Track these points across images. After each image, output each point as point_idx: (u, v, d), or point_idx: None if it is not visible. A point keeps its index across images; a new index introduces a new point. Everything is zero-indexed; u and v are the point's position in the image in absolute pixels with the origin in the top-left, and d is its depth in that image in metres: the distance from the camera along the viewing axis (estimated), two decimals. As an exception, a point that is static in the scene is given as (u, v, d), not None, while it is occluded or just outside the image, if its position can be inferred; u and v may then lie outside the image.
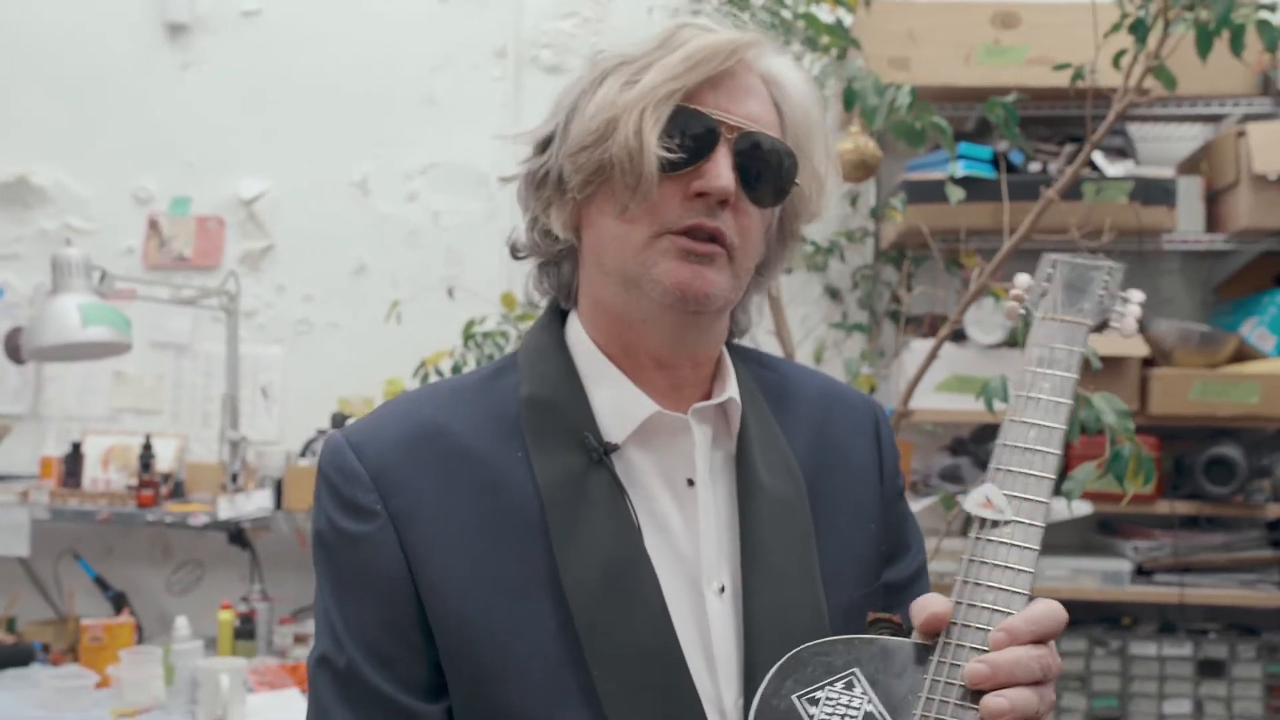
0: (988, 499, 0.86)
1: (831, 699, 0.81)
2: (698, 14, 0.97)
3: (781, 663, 0.83)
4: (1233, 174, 2.75)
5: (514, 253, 1.03)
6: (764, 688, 0.82)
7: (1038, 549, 0.84)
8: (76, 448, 3.12)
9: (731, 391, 0.98)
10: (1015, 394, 0.92)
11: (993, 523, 0.85)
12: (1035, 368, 0.93)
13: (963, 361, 2.72)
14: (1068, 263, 1.03)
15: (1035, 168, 2.78)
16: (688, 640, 0.89)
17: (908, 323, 2.91)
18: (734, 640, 0.91)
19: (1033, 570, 0.83)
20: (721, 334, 1.00)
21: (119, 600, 2.96)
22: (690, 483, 0.94)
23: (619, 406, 0.94)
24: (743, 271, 0.94)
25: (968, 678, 0.79)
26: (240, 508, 2.91)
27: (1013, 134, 2.00)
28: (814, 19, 2.20)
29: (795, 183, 0.95)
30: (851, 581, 0.98)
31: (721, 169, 0.89)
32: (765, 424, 1.00)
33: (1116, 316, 0.99)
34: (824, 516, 0.98)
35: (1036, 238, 2.15)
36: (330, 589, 0.92)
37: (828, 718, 0.80)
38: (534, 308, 2.59)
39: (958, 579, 0.84)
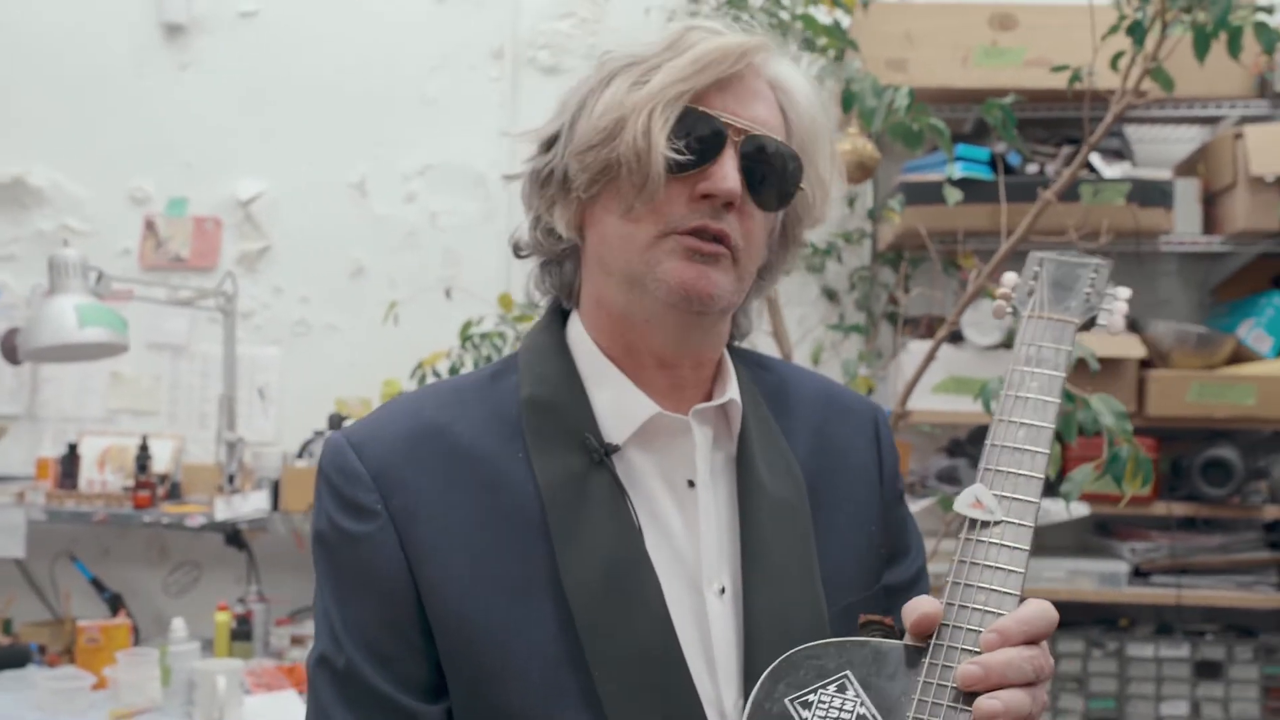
0: (977, 499, 0.85)
1: (824, 702, 0.80)
2: (695, 15, 0.97)
3: (774, 666, 0.83)
4: (1230, 176, 2.76)
5: (516, 251, 1.03)
6: (756, 691, 0.82)
7: (1028, 549, 0.84)
8: (73, 449, 3.11)
9: (733, 393, 0.98)
10: (1003, 393, 0.91)
11: (983, 523, 0.85)
12: (1023, 366, 0.93)
13: (960, 363, 2.72)
14: (1054, 261, 1.03)
15: (1033, 169, 2.78)
16: (688, 641, 0.89)
17: (905, 324, 2.91)
18: (734, 641, 0.91)
19: (1023, 571, 0.83)
20: (723, 336, 1.00)
21: (115, 602, 2.95)
22: (691, 484, 0.94)
23: (620, 407, 0.94)
24: (746, 274, 0.94)
25: (960, 679, 0.79)
26: (237, 509, 2.91)
27: (1010, 136, 2.00)
28: (812, 20, 2.20)
29: (800, 187, 0.95)
30: (852, 583, 0.98)
31: (728, 171, 0.89)
32: (766, 426, 1.00)
33: (1104, 314, 0.98)
34: (824, 518, 0.98)
35: (1034, 239, 2.15)
36: (330, 589, 0.92)
37: (820, 720, 0.80)
38: (532, 308, 2.60)
39: (948, 580, 0.83)
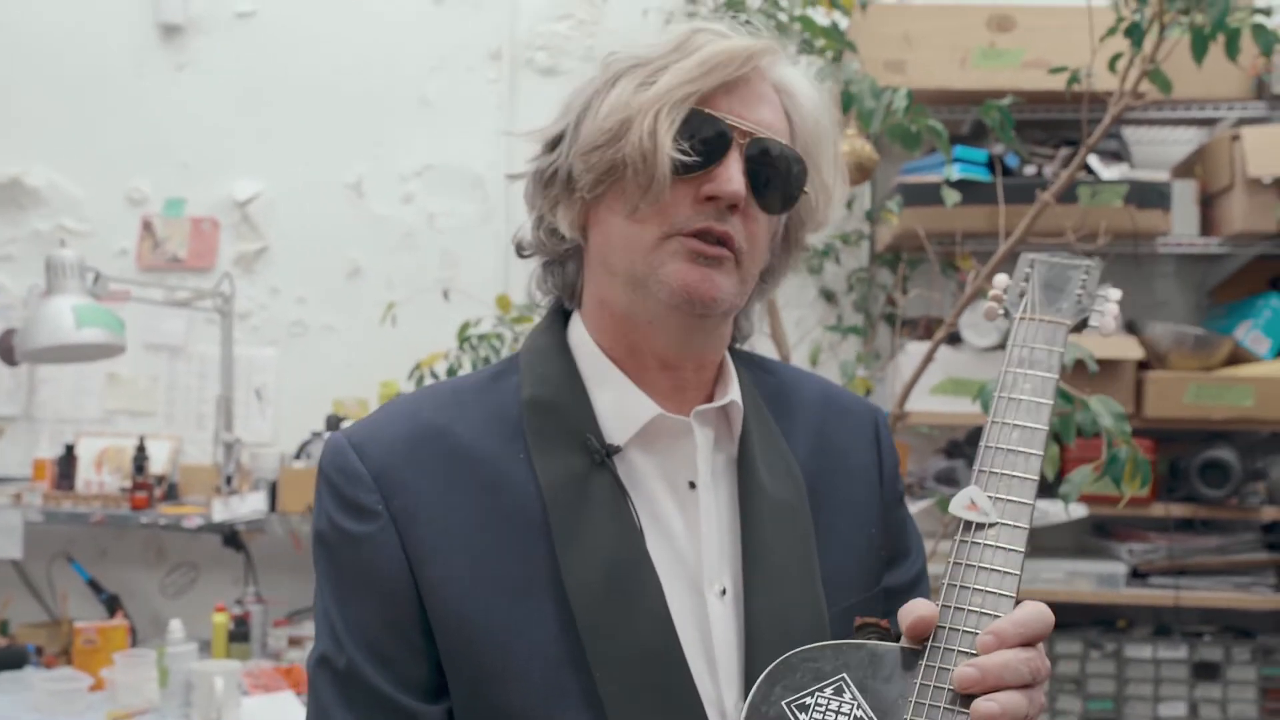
0: (972, 501, 0.85)
1: (821, 705, 0.80)
2: (693, 16, 0.98)
3: (770, 669, 0.82)
4: (1227, 177, 2.76)
5: (519, 251, 1.03)
6: (753, 694, 0.81)
7: (1024, 551, 0.83)
8: (70, 450, 3.11)
9: (734, 395, 0.98)
10: (996, 395, 0.91)
11: (978, 525, 0.85)
12: (1015, 368, 0.93)
13: (958, 364, 2.73)
14: (1045, 262, 1.02)
15: (1030, 171, 2.78)
16: (689, 642, 0.89)
17: (903, 325, 2.91)
18: (735, 643, 0.91)
19: (1019, 573, 0.83)
20: (725, 338, 1.00)
21: (113, 603, 2.95)
22: (692, 485, 0.94)
23: (621, 408, 0.94)
24: (749, 277, 0.94)
25: (957, 681, 0.78)
26: (234, 510, 2.91)
27: (1008, 137, 2.00)
28: (810, 21, 2.20)
29: (803, 190, 0.95)
30: (852, 585, 0.98)
31: (733, 173, 0.89)
32: (766, 428, 1.00)
33: (1096, 315, 0.98)
34: (824, 520, 0.98)
35: (1032, 241, 2.15)
36: (331, 589, 0.92)
37: (817, 724, 0.80)
38: (530, 310, 2.59)
39: (944, 582, 0.83)
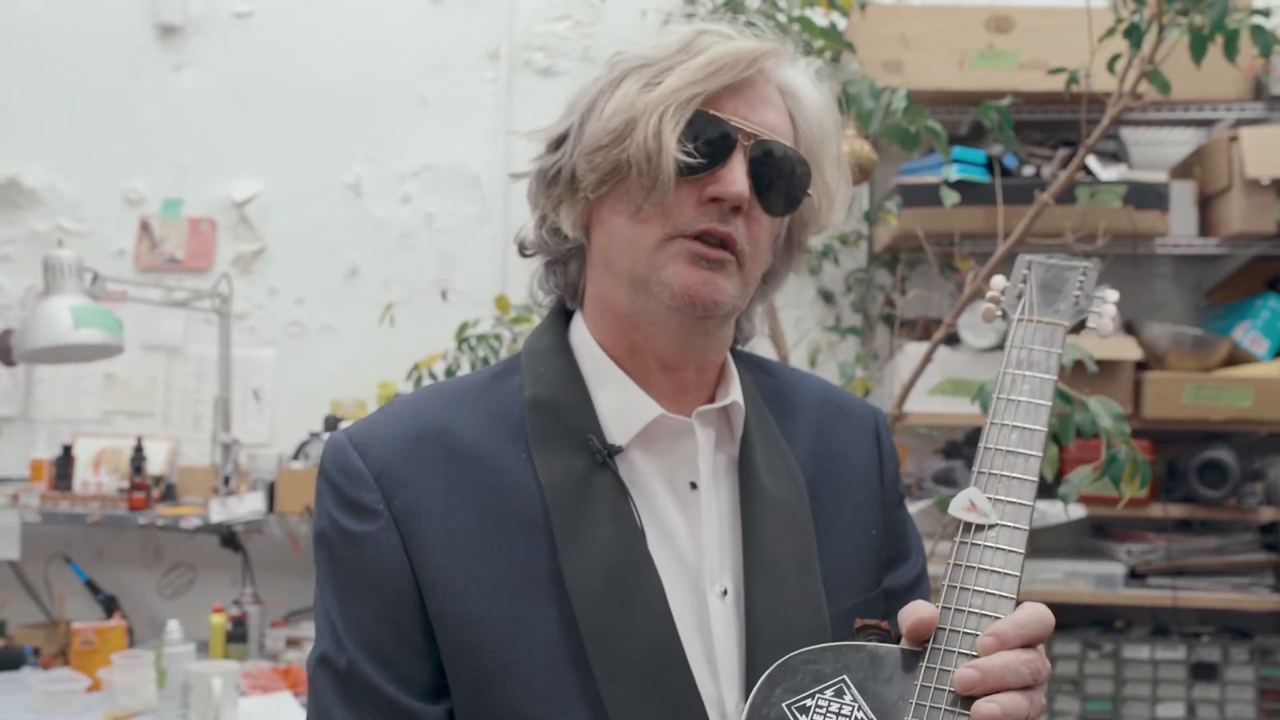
0: (971, 503, 0.85)
1: (822, 707, 0.80)
2: (691, 17, 0.98)
3: (770, 671, 0.82)
4: (1225, 178, 2.76)
5: (522, 250, 1.03)
6: (753, 696, 0.81)
7: (1024, 552, 0.83)
8: (67, 450, 3.11)
9: (735, 395, 0.98)
10: (995, 397, 0.91)
11: (977, 527, 0.85)
12: (1014, 369, 0.93)
13: (957, 365, 2.73)
14: (1043, 263, 1.02)
15: (1029, 172, 2.78)
16: (690, 643, 0.89)
17: (901, 326, 2.91)
18: (736, 643, 0.91)
19: (1019, 574, 0.83)
20: (727, 339, 1.00)
21: (110, 604, 2.95)
22: (693, 486, 0.94)
23: (623, 409, 0.94)
24: (751, 279, 0.94)
25: (958, 683, 0.78)
26: (232, 511, 2.91)
27: (1007, 138, 2.00)
28: (809, 22, 2.20)
29: (807, 193, 0.95)
30: (852, 586, 0.98)
31: (737, 174, 0.90)
32: (767, 428, 1.00)
33: (1093, 316, 0.98)
34: (825, 521, 0.99)
35: (1031, 241, 2.15)
36: (331, 588, 0.92)
37: (817, 726, 0.80)
38: (528, 310, 2.59)
39: (944, 584, 0.83)
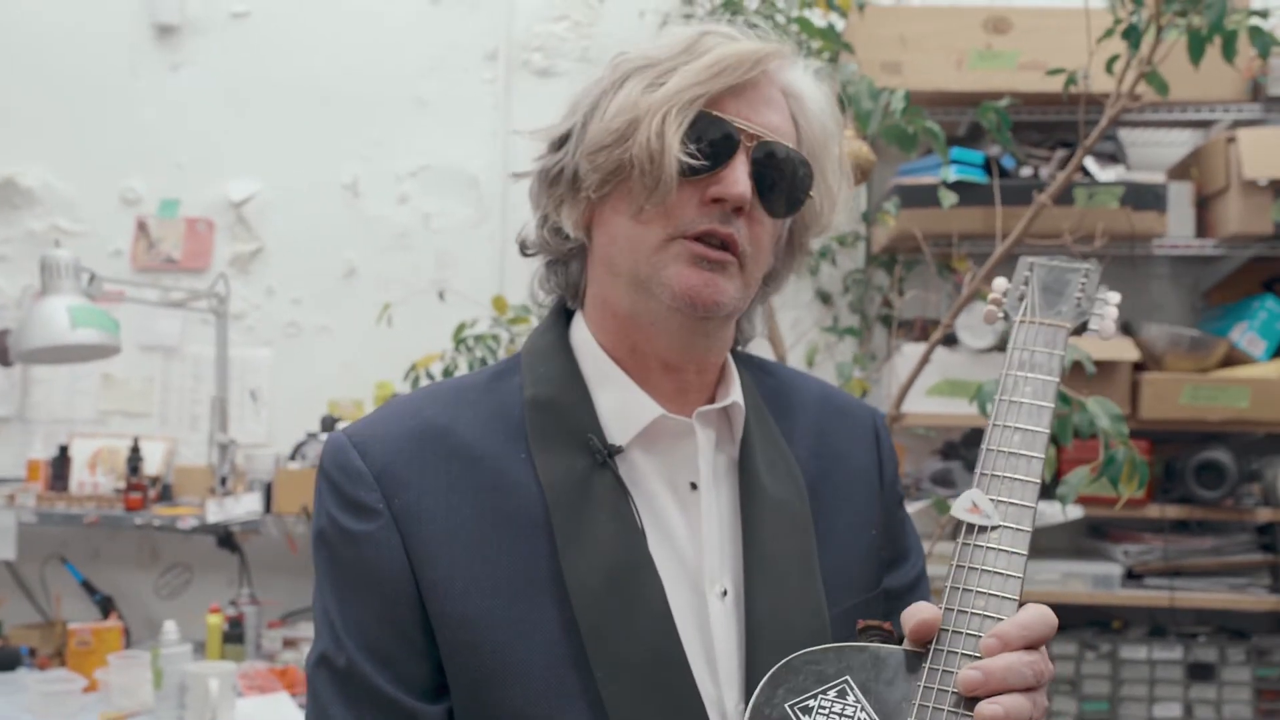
0: (974, 504, 0.85)
1: (824, 708, 0.80)
2: (689, 18, 0.98)
3: (773, 671, 0.82)
4: (1223, 179, 2.76)
5: (523, 250, 1.03)
6: (756, 697, 0.81)
7: (1026, 554, 0.83)
8: (64, 450, 3.10)
9: (736, 396, 0.98)
10: (997, 398, 0.92)
11: (980, 528, 0.85)
12: (1016, 371, 0.93)
13: (954, 366, 2.73)
14: (1044, 265, 1.03)
15: (1027, 172, 2.79)
16: (690, 643, 0.89)
17: (899, 327, 2.92)
18: (736, 644, 0.91)
19: (1022, 575, 0.83)
20: (728, 340, 1.00)
21: (106, 604, 2.94)
22: (693, 486, 0.94)
23: (623, 409, 0.94)
24: (752, 280, 0.94)
25: (961, 684, 0.78)
26: (229, 511, 2.90)
27: (1005, 139, 2.00)
28: (807, 23, 2.20)
29: (808, 194, 0.95)
30: (853, 586, 0.98)
31: (739, 175, 0.90)
32: (767, 429, 1.00)
33: (1095, 319, 0.98)
34: (825, 522, 0.99)
35: (1029, 242, 2.16)
36: (331, 588, 0.92)
37: (820, 726, 0.79)
38: (526, 311, 2.59)
39: (946, 585, 0.83)
